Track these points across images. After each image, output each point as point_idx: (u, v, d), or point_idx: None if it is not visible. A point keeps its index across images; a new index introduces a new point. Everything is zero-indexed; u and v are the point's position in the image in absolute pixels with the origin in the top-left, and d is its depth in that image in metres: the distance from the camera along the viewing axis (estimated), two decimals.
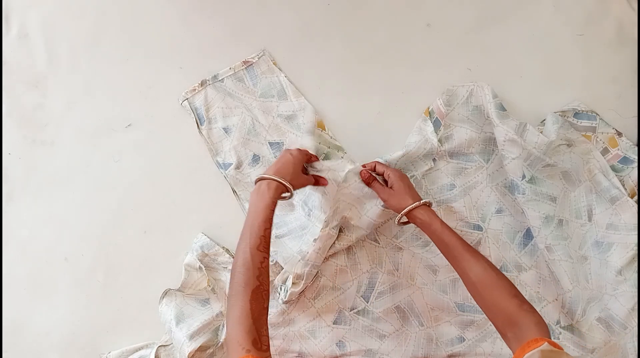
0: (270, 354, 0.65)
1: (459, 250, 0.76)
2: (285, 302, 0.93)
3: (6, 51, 1.06)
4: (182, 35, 1.04)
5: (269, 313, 0.95)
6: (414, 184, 0.91)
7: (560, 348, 0.59)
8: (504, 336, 0.67)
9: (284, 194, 0.80)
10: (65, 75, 1.05)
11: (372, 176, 0.90)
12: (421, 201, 0.82)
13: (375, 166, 0.91)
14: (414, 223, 0.83)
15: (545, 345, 0.58)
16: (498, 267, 0.93)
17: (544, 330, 0.64)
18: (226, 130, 1.01)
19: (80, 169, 1.03)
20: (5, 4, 1.06)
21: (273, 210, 0.76)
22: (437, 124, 0.95)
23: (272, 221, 0.75)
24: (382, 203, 0.89)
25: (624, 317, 0.87)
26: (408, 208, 0.81)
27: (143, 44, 1.04)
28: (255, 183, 0.80)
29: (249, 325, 0.65)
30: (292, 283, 0.91)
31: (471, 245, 0.94)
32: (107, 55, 1.05)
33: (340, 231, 0.94)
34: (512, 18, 0.99)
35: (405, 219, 0.84)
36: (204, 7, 1.04)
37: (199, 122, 1.01)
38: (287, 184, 0.79)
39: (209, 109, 1.01)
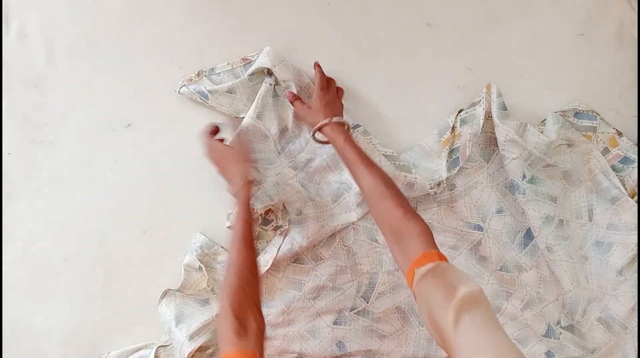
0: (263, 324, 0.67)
1: (357, 164, 0.76)
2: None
3: (6, 51, 1.05)
4: (181, 35, 1.04)
5: (269, 313, 0.96)
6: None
7: (444, 259, 0.60)
8: (392, 251, 0.67)
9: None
10: (65, 75, 1.05)
11: (296, 96, 0.91)
12: (331, 119, 0.83)
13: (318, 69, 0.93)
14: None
15: (433, 265, 0.59)
16: (498, 267, 0.93)
17: (427, 239, 0.64)
18: (231, 90, 0.98)
19: (80, 169, 1.03)
20: (5, 4, 1.06)
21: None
22: (455, 163, 0.92)
23: (247, 220, 0.78)
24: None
25: (624, 317, 0.87)
26: (316, 126, 0.83)
27: (143, 43, 1.04)
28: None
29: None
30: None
31: (471, 244, 0.94)
32: (107, 55, 1.04)
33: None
34: (512, 18, 0.99)
35: (321, 137, 0.86)
36: (204, 7, 1.04)
37: (203, 99, 0.99)
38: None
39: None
